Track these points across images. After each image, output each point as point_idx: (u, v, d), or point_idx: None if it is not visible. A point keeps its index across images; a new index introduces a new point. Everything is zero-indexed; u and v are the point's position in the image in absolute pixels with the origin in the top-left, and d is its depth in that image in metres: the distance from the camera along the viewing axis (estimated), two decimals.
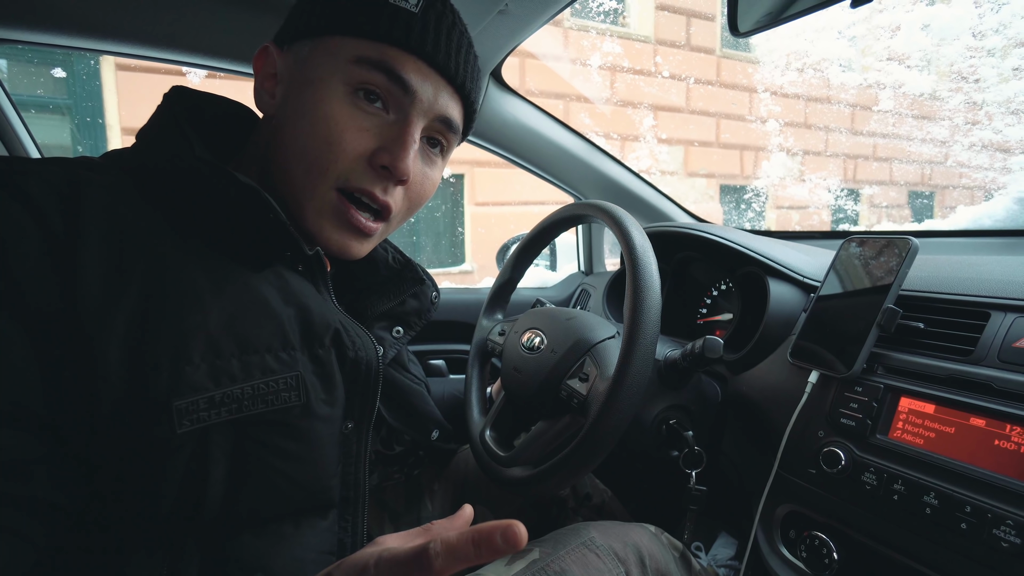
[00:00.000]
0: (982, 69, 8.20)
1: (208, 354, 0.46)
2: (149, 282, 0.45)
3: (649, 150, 7.13)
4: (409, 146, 0.56)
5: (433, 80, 0.57)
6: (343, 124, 0.54)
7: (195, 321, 0.46)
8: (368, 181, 0.57)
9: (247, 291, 0.50)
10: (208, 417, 0.46)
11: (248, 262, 0.52)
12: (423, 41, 0.55)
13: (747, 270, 0.94)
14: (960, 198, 9.30)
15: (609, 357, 0.69)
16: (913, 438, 0.59)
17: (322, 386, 0.55)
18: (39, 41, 0.97)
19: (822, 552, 0.64)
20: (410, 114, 0.57)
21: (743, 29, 0.72)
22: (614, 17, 6.90)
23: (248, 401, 0.48)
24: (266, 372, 0.49)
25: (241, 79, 1.10)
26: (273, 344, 0.51)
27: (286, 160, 0.56)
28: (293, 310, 0.53)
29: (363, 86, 0.54)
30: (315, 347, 0.55)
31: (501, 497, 0.90)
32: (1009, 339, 0.57)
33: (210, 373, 0.46)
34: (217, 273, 0.49)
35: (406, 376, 0.76)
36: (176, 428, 0.44)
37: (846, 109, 8.47)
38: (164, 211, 0.49)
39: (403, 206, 0.62)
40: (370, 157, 0.56)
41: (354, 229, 0.58)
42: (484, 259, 5.76)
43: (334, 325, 0.57)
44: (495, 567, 0.64)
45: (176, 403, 0.44)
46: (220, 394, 0.46)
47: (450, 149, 0.65)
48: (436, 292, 0.75)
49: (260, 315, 0.50)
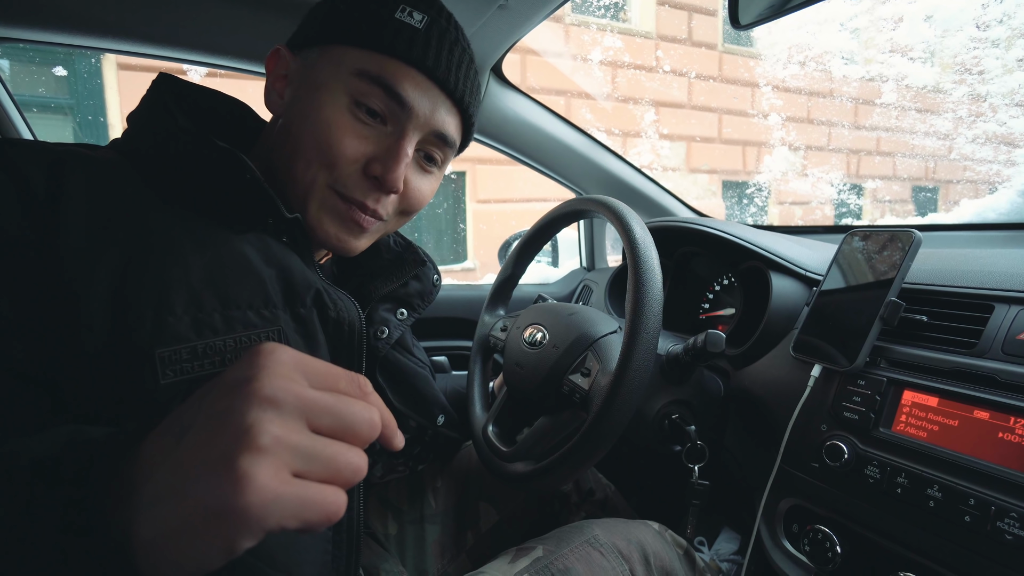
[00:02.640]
0: (986, 61, 8.14)
1: (190, 307, 0.48)
2: (132, 239, 0.47)
3: (651, 146, 7.11)
4: (401, 159, 0.58)
5: (431, 94, 0.59)
6: (342, 129, 0.56)
7: (176, 274, 0.47)
8: (360, 191, 0.59)
9: (229, 250, 0.52)
10: (191, 369, 0.47)
11: (229, 224, 0.53)
12: (424, 56, 0.57)
13: (749, 264, 0.94)
14: (964, 192, 9.24)
15: (611, 352, 0.69)
16: (916, 431, 0.59)
17: (305, 345, 0.56)
18: (44, 40, 0.97)
19: (825, 546, 0.64)
20: (406, 128, 0.59)
21: (744, 22, 0.72)
22: (615, 12, 6.87)
23: (231, 354, 0.49)
24: (248, 326, 0.51)
25: (240, 77, 1.10)
26: (255, 301, 0.52)
27: (289, 157, 0.58)
28: (274, 271, 0.55)
29: (363, 101, 0.57)
30: (296, 306, 0.56)
31: (504, 492, 0.90)
32: (1013, 331, 0.57)
33: (192, 325, 0.47)
34: (199, 233, 0.51)
35: (411, 359, 0.77)
36: (160, 379, 0.45)
37: (849, 103, 8.42)
38: (152, 182, 0.51)
39: (394, 212, 0.64)
40: (364, 166, 0.58)
41: (352, 224, 0.60)
42: (486, 256, 5.76)
43: (315, 286, 0.58)
44: (499, 564, 0.64)
45: (159, 351, 0.45)
46: (202, 345, 0.47)
47: (446, 162, 0.67)
48: (437, 274, 0.76)
49: (241, 273, 0.52)
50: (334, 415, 0.30)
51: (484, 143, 1.32)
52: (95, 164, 0.49)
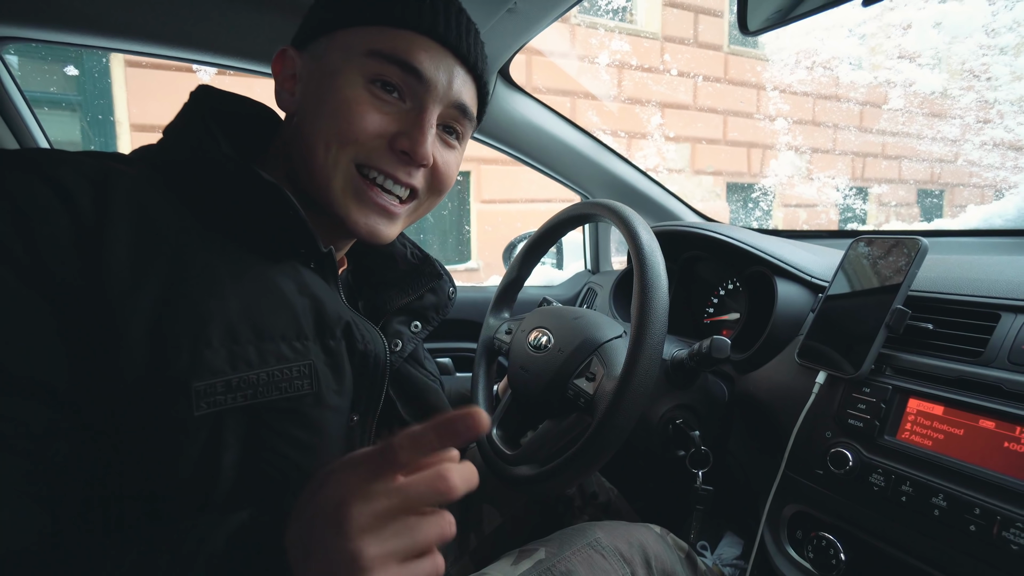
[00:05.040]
0: (995, 67, 8.11)
1: (227, 339, 0.48)
2: (173, 267, 0.46)
3: (656, 148, 7.10)
4: (427, 131, 0.58)
5: (446, 63, 0.59)
6: (362, 106, 0.56)
7: (215, 306, 0.47)
8: (389, 163, 0.58)
9: (264, 281, 0.52)
10: (224, 401, 0.47)
11: (265, 254, 0.54)
12: (435, 22, 0.57)
13: (754, 270, 0.94)
14: (971, 197, 9.20)
15: (616, 356, 0.69)
16: (921, 439, 0.59)
17: (333, 376, 0.56)
18: (55, 40, 0.98)
19: (829, 553, 0.64)
20: (426, 101, 0.58)
21: (753, 28, 0.72)
22: (622, 14, 6.87)
23: (263, 387, 0.49)
24: (280, 359, 0.51)
25: (248, 77, 1.10)
26: (288, 333, 0.52)
27: (308, 145, 0.57)
28: (307, 301, 0.55)
29: (379, 78, 0.56)
30: (327, 338, 0.56)
31: (507, 496, 0.90)
32: (1020, 340, 0.57)
33: (228, 358, 0.47)
34: (237, 263, 0.51)
35: (422, 372, 0.77)
36: (194, 410, 0.45)
37: (855, 107, 8.39)
38: (189, 203, 0.51)
39: (428, 189, 0.64)
40: (390, 140, 0.57)
41: (380, 209, 0.60)
42: (490, 257, 5.76)
43: (345, 318, 0.58)
44: (501, 566, 0.64)
45: (195, 384, 0.45)
46: (237, 378, 0.48)
47: (466, 136, 0.67)
48: (453, 288, 0.76)
49: (276, 304, 0.52)
50: (411, 533, 0.38)
51: (492, 145, 1.32)
52: (135, 184, 0.48)
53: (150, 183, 0.49)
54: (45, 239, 0.42)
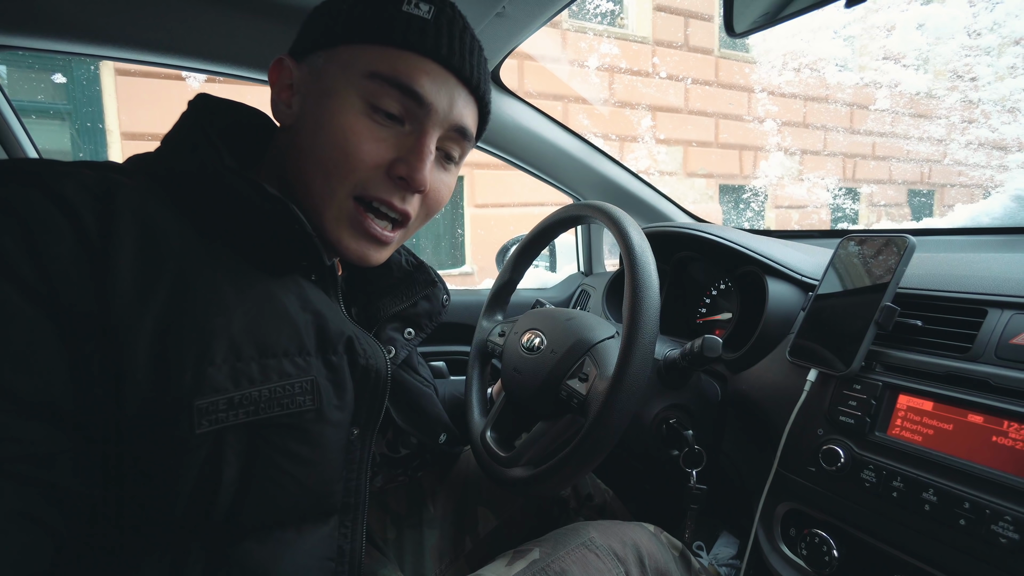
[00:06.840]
0: (978, 67, 8.22)
1: (230, 356, 0.47)
2: (177, 284, 0.46)
3: (648, 151, 7.14)
4: (425, 157, 0.57)
5: (448, 86, 0.57)
6: (360, 135, 0.55)
7: (219, 323, 0.47)
8: (386, 191, 0.57)
9: (268, 296, 0.51)
10: (226, 418, 0.46)
11: (269, 268, 0.53)
12: (438, 45, 0.56)
13: (746, 269, 0.94)
14: (958, 196, 9.31)
15: (608, 357, 0.70)
16: (912, 435, 0.60)
17: (335, 391, 0.55)
18: (44, 48, 0.97)
19: (822, 550, 0.64)
20: (426, 126, 0.57)
21: (739, 30, 0.72)
22: (612, 18, 6.92)
23: (265, 403, 0.49)
24: (283, 376, 0.50)
25: (240, 84, 1.10)
26: (290, 349, 0.52)
27: (305, 170, 0.57)
28: (310, 316, 0.54)
29: (378, 101, 0.55)
30: (329, 353, 0.55)
31: (502, 498, 0.90)
32: (1006, 336, 0.58)
33: (231, 375, 0.47)
34: (240, 278, 0.50)
35: (416, 378, 0.76)
36: (195, 428, 0.44)
37: (843, 108, 8.48)
38: (191, 216, 0.50)
39: (420, 213, 0.63)
40: (388, 168, 0.56)
41: (371, 238, 0.59)
42: (484, 261, 5.76)
43: (347, 333, 0.57)
44: (496, 567, 0.64)
45: (198, 403, 0.45)
46: (239, 395, 0.47)
47: (463, 157, 0.66)
48: (447, 295, 0.75)
49: (279, 320, 0.51)
50: None
51: (482, 149, 1.32)
52: (139, 198, 0.47)
53: (152, 196, 0.48)
54: (50, 257, 0.41)
